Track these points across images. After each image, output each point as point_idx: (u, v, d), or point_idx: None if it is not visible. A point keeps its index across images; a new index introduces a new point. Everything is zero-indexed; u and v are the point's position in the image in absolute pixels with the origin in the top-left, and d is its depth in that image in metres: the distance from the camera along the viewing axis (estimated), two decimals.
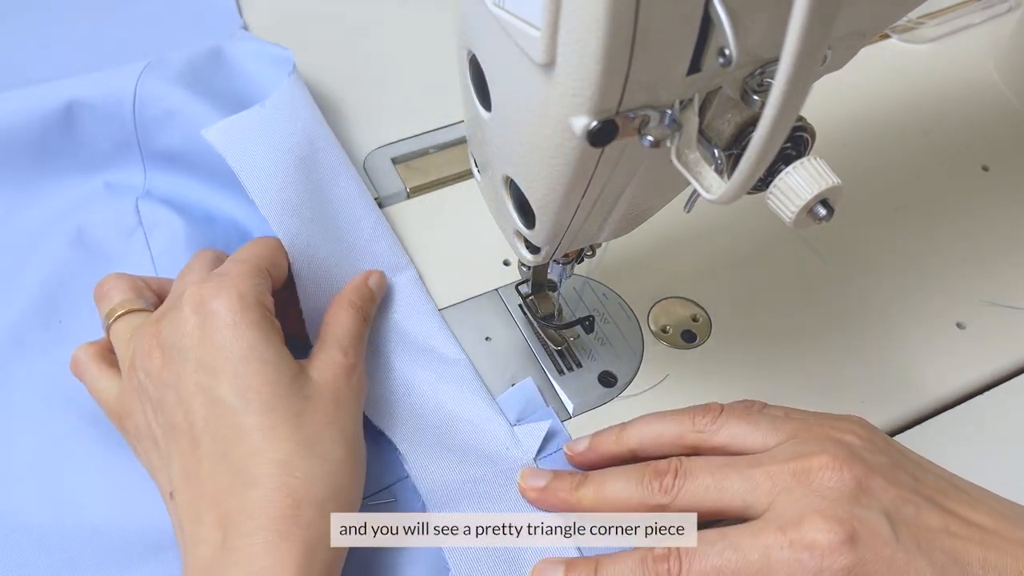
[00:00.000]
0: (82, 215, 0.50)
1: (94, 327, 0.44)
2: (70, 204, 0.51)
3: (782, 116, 0.22)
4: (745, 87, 0.27)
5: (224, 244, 0.47)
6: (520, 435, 0.41)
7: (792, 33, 0.20)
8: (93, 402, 0.42)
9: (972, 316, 0.47)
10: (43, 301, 0.47)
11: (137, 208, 0.50)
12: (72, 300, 0.47)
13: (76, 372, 0.41)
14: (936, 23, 0.63)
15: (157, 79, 0.49)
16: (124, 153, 0.51)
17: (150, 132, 0.50)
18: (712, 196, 0.27)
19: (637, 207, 0.34)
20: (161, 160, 0.51)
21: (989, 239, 0.51)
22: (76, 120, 0.50)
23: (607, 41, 0.22)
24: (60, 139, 0.50)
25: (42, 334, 0.46)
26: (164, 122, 0.50)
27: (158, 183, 0.52)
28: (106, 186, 0.51)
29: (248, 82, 0.52)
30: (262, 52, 0.52)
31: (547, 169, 0.28)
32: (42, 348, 0.45)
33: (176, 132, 0.50)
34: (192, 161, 0.50)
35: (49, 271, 0.48)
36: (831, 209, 0.27)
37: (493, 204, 0.37)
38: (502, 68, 0.28)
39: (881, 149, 0.56)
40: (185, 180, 0.51)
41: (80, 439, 0.42)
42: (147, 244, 0.49)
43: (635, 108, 0.25)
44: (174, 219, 0.49)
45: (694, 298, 0.48)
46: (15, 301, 0.46)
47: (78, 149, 0.51)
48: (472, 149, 0.37)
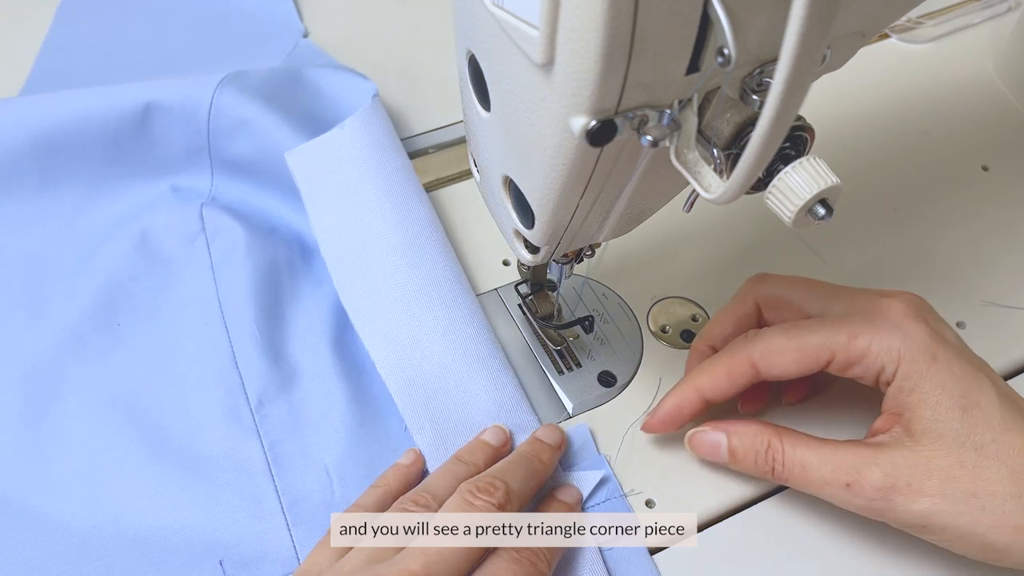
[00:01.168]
0: (147, 218, 0.50)
1: (152, 331, 0.45)
2: (136, 207, 0.51)
3: (781, 116, 0.22)
4: (744, 87, 0.27)
5: (285, 256, 0.49)
6: (572, 481, 0.40)
7: (791, 33, 0.20)
8: (144, 410, 0.42)
9: (971, 316, 0.47)
10: (103, 303, 0.47)
11: (201, 214, 0.50)
12: (131, 304, 0.47)
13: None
14: (935, 23, 0.63)
15: (235, 90, 0.50)
16: (194, 158, 0.52)
17: (222, 140, 0.51)
18: (711, 196, 0.27)
19: (636, 207, 0.34)
20: (230, 168, 0.52)
21: (988, 239, 0.51)
22: (151, 121, 0.50)
23: (606, 41, 0.22)
24: (133, 140, 0.51)
25: (100, 336, 0.45)
26: (237, 131, 0.50)
27: (224, 190, 0.52)
28: (173, 190, 0.52)
29: (325, 103, 0.53)
30: (343, 79, 0.53)
31: (546, 169, 0.28)
32: (99, 351, 0.45)
33: (248, 142, 0.50)
34: (261, 172, 0.50)
35: (111, 273, 0.48)
36: (830, 209, 0.27)
37: (492, 204, 0.37)
38: (501, 68, 0.28)
39: (880, 149, 0.56)
40: (251, 189, 0.52)
41: (127, 447, 0.42)
42: (208, 250, 0.49)
43: (634, 108, 0.25)
44: (236, 227, 0.49)
45: (693, 298, 0.48)
46: (75, 301, 0.47)
47: (149, 151, 0.51)
48: (471, 149, 0.37)
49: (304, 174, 0.47)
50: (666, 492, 0.40)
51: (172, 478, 0.41)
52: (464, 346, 0.42)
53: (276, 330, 0.46)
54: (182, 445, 0.42)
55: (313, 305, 0.47)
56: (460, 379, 0.42)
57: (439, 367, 0.42)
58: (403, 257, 0.44)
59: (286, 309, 0.47)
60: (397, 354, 0.42)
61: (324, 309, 0.47)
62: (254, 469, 0.41)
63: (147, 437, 0.42)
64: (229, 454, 0.41)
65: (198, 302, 0.47)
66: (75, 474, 0.41)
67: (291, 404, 0.43)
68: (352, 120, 0.48)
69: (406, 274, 0.44)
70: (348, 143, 0.48)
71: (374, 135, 0.48)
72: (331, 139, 0.48)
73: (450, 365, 0.42)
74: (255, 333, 0.45)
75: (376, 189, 0.46)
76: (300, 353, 0.45)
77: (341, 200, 0.46)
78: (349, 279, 0.45)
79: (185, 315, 0.47)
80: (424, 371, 0.42)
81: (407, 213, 0.46)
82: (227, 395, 0.43)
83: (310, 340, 0.46)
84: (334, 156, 0.47)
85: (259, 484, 0.41)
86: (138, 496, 0.40)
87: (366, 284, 0.44)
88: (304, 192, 0.47)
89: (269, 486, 0.41)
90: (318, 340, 0.45)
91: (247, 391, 0.43)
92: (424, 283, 0.44)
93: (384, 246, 0.45)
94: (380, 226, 0.45)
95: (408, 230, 0.45)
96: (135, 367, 0.45)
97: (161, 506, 0.40)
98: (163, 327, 0.46)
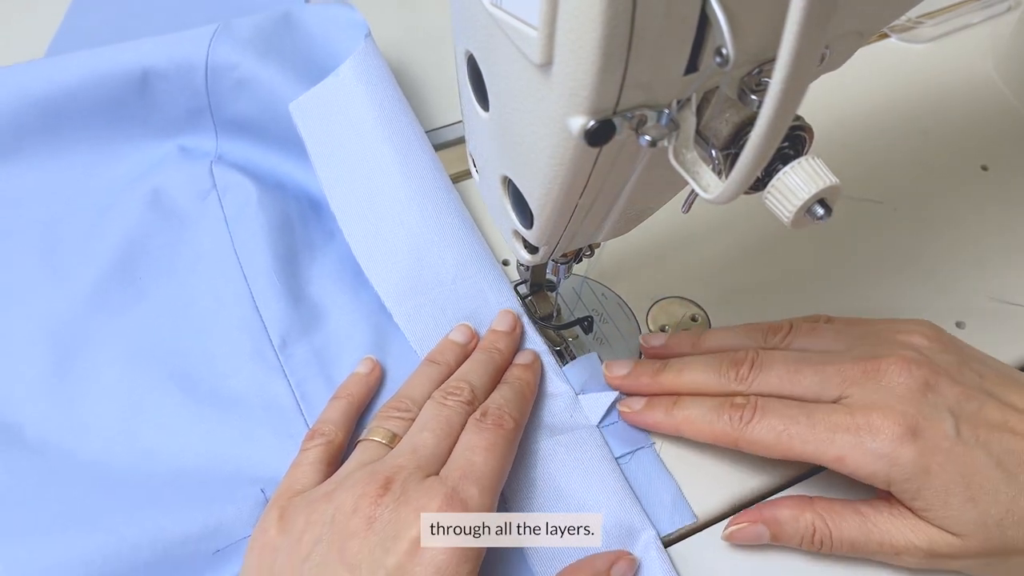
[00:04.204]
0: (157, 177, 0.51)
1: (171, 284, 0.47)
2: (145, 166, 0.52)
3: (779, 115, 0.22)
4: (743, 87, 0.27)
5: (296, 209, 0.50)
6: (584, 404, 0.42)
7: (789, 33, 0.20)
8: (170, 357, 0.44)
9: (972, 315, 0.47)
10: (122, 260, 0.48)
11: (211, 171, 0.52)
12: (149, 259, 0.48)
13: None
14: (935, 23, 0.63)
15: (228, 47, 0.50)
16: (197, 120, 0.53)
17: (223, 101, 0.52)
18: (710, 196, 0.27)
19: (635, 207, 0.34)
20: (233, 127, 0.53)
21: (988, 238, 0.51)
22: (150, 88, 0.52)
23: (604, 41, 0.22)
24: (135, 106, 0.52)
25: (121, 291, 0.47)
26: (236, 91, 0.51)
27: (229, 149, 0.53)
28: (180, 150, 0.53)
29: (319, 48, 0.52)
30: (333, 17, 0.53)
31: (545, 169, 0.28)
32: (122, 305, 0.47)
33: (248, 101, 0.51)
34: (264, 129, 0.52)
35: (127, 231, 0.49)
36: (829, 209, 0.27)
37: (491, 204, 0.37)
38: (500, 68, 0.28)
39: (880, 149, 0.56)
40: (256, 147, 0.53)
41: (157, 391, 0.43)
42: (220, 206, 0.50)
43: (632, 108, 0.25)
44: (247, 183, 0.50)
45: (693, 298, 0.48)
46: (95, 260, 0.48)
47: (151, 115, 0.53)
48: (470, 149, 0.37)
49: (306, 123, 0.48)
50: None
51: (205, 416, 0.42)
52: (473, 294, 0.44)
53: (293, 277, 0.47)
54: (211, 387, 0.43)
55: (328, 254, 0.49)
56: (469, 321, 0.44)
57: (451, 314, 0.44)
58: (408, 203, 0.45)
59: (301, 258, 0.48)
60: (409, 303, 0.44)
61: (339, 257, 0.48)
62: (284, 405, 0.43)
63: (176, 381, 0.43)
64: (259, 393, 0.43)
65: (214, 255, 0.48)
66: (107, 418, 0.42)
67: (313, 344, 0.45)
68: (348, 66, 0.48)
69: (414, 219, 0.45)
70: (346, 89, 0.47)
71: (370, 79, 0.48)
72: (330, 85, 0.48)
73: (458, 309, 0.44)
74: (274, 280, 0.46)
75: (377, 135, 0.47)
76: (319, 297, 0.47)
77: (344, 148, 0.47)
78: (358, 227, 0.46)
79: (202, 268, 0.48)
80: (435, 317, 0.44)
81: (409, 158, 0.46)
82: (251, 339, 0.45)
83: (327, 285, 0.47)
84: (334, 104, 0.47)
85: (290, 419, 0.42)
86: (173, 433, 0.41)
87: (373, 232, 0.45)
88: (307, 141, 0.47)
89: (299, 421, 0.42)
90: (335, 284, 0.47)
91: (270, 334, 0.45)
92: (431, 229, 0.45)
93: (389, 192, 0.46)
94: (384, 172, 0.46)
95: (412, 176, 0.46)
96: (158, 318, 0.46)
97: (197, 442, 0.41)
98: (182, 280, 0.48)
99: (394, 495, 0.33)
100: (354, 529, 0.33)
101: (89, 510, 0.38)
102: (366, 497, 0.33)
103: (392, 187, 0.45)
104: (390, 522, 0.32)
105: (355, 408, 0.41)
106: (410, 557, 0.31)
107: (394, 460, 0.35)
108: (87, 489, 0.39)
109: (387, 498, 0.33)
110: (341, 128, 0.47)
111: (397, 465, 0.35)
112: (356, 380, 0.42)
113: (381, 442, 0.37)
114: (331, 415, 0.40)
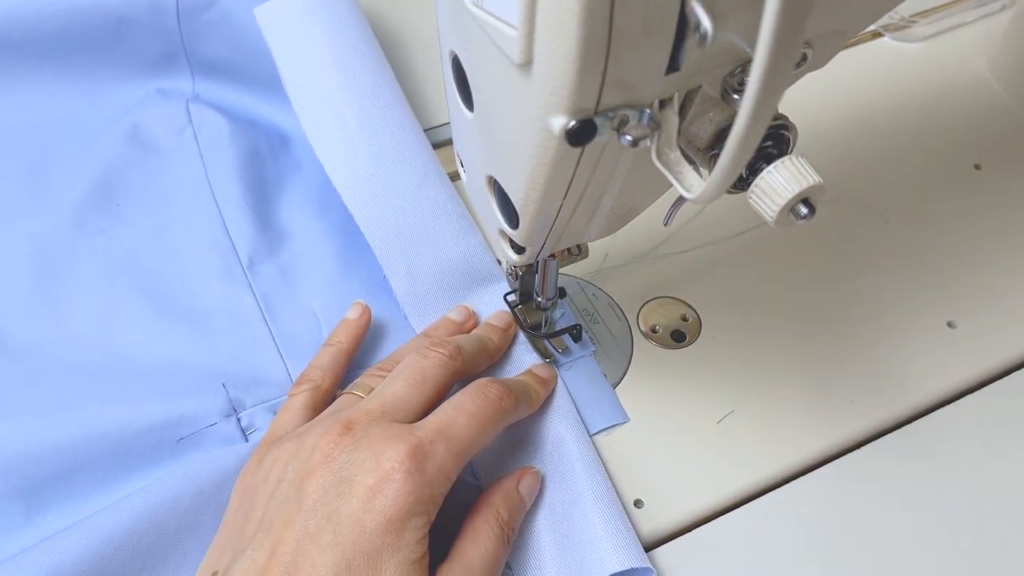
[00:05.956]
0: (136, 115, 0.55)
1: (148, 212, 0.51)
2: (126, 105, 0.56)
3: (758, 114, 0.22)
4: (725, 86, 0.26)
5: (266, 144, 0.54)
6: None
7: (765, 29, 0.20)
8: (146, 275, 0.48)
9: (963, 315, 0.47)
10: (101, 186, 0.52)
11: (187, 108, 0.56)
12: (127, 187, 0.52)
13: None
14: (928, 22, 0.63)
15: None
16: (172, 62, 0.57)
17: (196, 43, 0.55)
18: (692, 195, 0.27)
19: (622, 207, 0.34)
20: (208, 69, 0.57)
21: (981, 237, 0.51)
22: (125, 35, 0.55)
23: (582, 40, 0.22)
24: (112, 51, 0.56)
25: (100, 215, 0.51)
26: (208, 32, 0.55)
27: (205, 89, 0.57)
28: (158, 92, 0.57)
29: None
30: None
31: (528, 169, 0.28)
32: (100, 227, 0.50)
33: (220, 42, 0.55)
34: (237, 69, 0.55)
35: (107, 162, 0.53)
36: (812, 208, 0.27)
37: (478, 204, 0.37)
38: (483, 68, 0.28)
39: (873, 148, 0.56)
40: (230, 87, 0.57)
41: (134, 305, 0.47)
42: (195, 139, 0.54)
43: (614, 107, 0.25)
44: (220, 119, 0.54)
45: (684, 298, 0.48)
46: (76, 186, 0.52)
47: (128, 59, 0.56)
48: (457, 149, 0.37)
49: (272, 29, 0.49)
50: (655, 493, 0.40)
51: (177, 327, 0.46)
52: (434, 203, 0.46)
53: (262, 204, 0.51)
54: (184, 303, 0.47)
55: (295, 185, 0.53)
56: (431, 231, 0.45)
57: (412, 220, 0.45)
58: (371, 113, 0.47)
59: (270, 187, 0.52)
60: (374, 208, 0.45)
61: (306, 188, 0.52)
62: (249, 315, 0.46)
63: (151, 296, 0.47)
64: (226, 307, 0.47)
65: (189, 183, 0.52)
66: (85, 326, 0.46)
67: (279, 263, 0.49)
68: None
69: (379, 127, 0.47)
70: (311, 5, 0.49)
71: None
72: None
73: (422, 219, 0.45)
74: (243, 207, 0.50)
75: (343, 45, 0.48)
76: (286, 222, 0.51)
77: (309, 58, 0.48)
78: (323, 133, 0.47)
79: (177, 195, 0.52)
80: (398, 224, 0.45)
81: (374, 72, 0.48)
82: (221, 259, 0.48)
83: (294, 212, 0.51)
84: (297, 11, 0.49)
85: (255, 328, 0.46)
86: (147, 341, 0.45)
87: (339, 137, 0.46)
88: (273, 47, 0.49)
89: (264, 329, 0.46)
90: (301, 211, 0.51)
91: (239, 253, 0.49)
92: (393, 139, 0.47)
93: (354, 102, 0.47)
94: (348, 83, 0.47)
95: (380, 87, 0.48)
96: (135, 240, 0.50)
97: (167, 347, 0.45)
98: (158, 206, 0.51)
99: (354, 437, 0.33)
100: (312, 467, 0.32)
101: (62, 404, 0.41)
102: (326, 436, 0.33)
103: (360, 94, 0.47)
104: (346, 463, 0.32)
105: (344, 355, 0.42)
106: (361, 503, 0.31)
107: (363, 405, 0.35)
108: (62, 386, 0.42)
109: (347, 439, 0.33)
110: (305, 36, 0.48)
111: (364, 409, 0.35)
112: (345, 326, 0.43)
113: (360, 395, 0.37)
114: (320, 361, 0.41)
